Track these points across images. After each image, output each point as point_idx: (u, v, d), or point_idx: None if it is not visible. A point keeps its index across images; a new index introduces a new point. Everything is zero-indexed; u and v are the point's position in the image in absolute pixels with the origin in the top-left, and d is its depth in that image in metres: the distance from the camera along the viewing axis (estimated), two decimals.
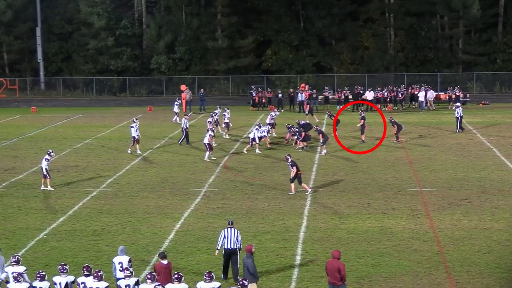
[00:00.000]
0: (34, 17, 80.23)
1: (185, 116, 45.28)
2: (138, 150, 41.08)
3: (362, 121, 44.12)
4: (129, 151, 41.36)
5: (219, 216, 27.99)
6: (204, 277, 17.36)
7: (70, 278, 17.93)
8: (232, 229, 21.10)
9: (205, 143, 39.34)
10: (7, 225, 27.34)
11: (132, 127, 41.30)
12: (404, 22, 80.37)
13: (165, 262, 18.99)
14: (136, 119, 42.30)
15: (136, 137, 41.04)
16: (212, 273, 17.47)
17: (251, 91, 64.85)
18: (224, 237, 20.95)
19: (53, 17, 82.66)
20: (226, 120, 47.16)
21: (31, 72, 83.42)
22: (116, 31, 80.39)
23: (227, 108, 49.04)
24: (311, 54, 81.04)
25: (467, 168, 36.23)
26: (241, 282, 17.04)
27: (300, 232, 25.80)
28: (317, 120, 52.25)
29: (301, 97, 59.78)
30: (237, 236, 21.04)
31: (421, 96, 59.87)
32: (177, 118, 53.99)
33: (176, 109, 55.12)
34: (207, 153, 39.22)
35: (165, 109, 63.61)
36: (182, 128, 44.18)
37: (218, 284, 17.41)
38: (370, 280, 20.88)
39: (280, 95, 61.96)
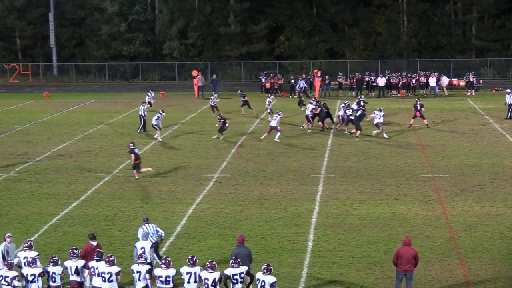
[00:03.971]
0: (47, 3, 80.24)
1: (143, 104, 45.03)
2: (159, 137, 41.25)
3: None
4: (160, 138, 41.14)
5: (231, 202, 28.03)
6: (231, 263, 17.37)
7: (80, 262, 18.06)
8: (150, 224, 20.89)
9: (272, 126, 40.42)
10: (20, 210, 27.47)
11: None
12: (417, 8, 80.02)
13: (94, 243, 19.20)
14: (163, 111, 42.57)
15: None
16: (238, 260, 17.49)
17: (260, 77, 64.70)
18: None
19: (65, 2, 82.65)
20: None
21: (44, 57, 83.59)
22: (128, 17, 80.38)
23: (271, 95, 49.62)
24: (323, 40, 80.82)
25: (480, 155, 36.13)
26: (265, 266, 17.23)
27: (312, 218, 25.82)
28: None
29: (301, 84, 59.87)
30: (156, 229, 20.78)
31: (431, 82, 59.65)
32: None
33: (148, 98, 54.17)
34: (278, 134, 40.43)
35: (177, 95, 63.66)
36: (140, 115, 44.02)
37: (245, 268, 17.49)
38: (382, 266, 20.89)
39: (292, 81, 61.86)
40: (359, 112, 41.65)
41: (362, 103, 45.03)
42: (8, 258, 18.32)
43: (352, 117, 41.93)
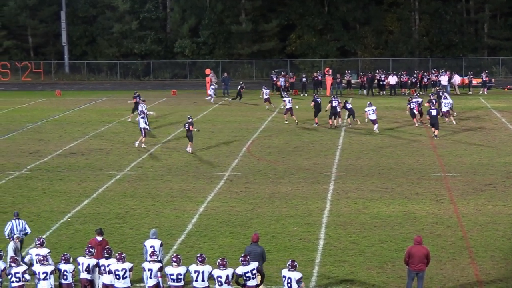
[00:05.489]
0: (59, 1, 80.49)
1: (143, 101, 44.94)
2: (143, 144, 38.98)
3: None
4: (136, 144, 38.98)
5: (242, 200, 28.03)
6: (241, 261, 17.41)
7: (93, 261, 18.07)
8: (19, 220, 21.11)
9: (372, 119, 42.02)
10: (31, 207, 27.54)
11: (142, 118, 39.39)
12: (429, 6, 79.81)
13: (99, 238, 19.33)
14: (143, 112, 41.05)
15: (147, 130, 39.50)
16: (248, 257, 17.49)
17: (271, 76, 64.73)
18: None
19: (77, 1, 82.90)
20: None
21: (56, 55, 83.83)
22: (140, 15, 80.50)
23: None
24: (335, 38, 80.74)
25: (492, 153, 36.00)
26: (290, 262, 17.18)
27: (323, 217, 25.78)
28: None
29: (282, 81, 60.69)
30: (24, 226, 21.12)
31: (443, 80, 59.53)
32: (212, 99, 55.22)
33: (211, 92, 56.35)
34: (376, 125, 42.13)
35: (188, 93, 63.65)
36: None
37: (256, 264, 17.52)
38: (393, 265, 20.84)
39: (304, 79, 61.83)
40: (434, 111, 40.43)
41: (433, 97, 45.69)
42: (15, 256, 18.35)
43: (416, 111, 43.86)
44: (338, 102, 44.01)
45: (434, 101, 43.59)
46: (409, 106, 44.55)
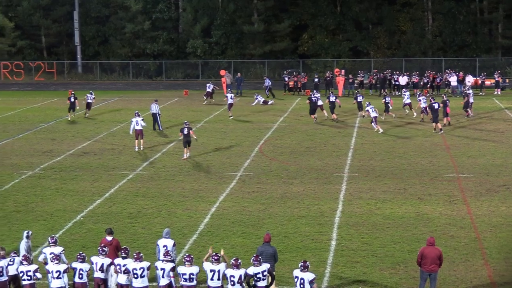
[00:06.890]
0: (72, 1, 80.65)
1: (155, 101, 45.19)
2: (136, 147, 38.42)
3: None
4: (141, 148, 38.35)
5: (254, 200, 28.02)
6: (252, 261, 17.42)
7: (107, 260, 18.11)
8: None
9: (375, 116, 42.31)
10: (45, 207, 27.62)
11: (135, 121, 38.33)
12: (442, 6, 79.52)
13: (109, 238, 19.39)
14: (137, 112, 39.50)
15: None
16: (260, 257, 17.50)
17: (284, 76, 64.70)
18: None
19: (90, 1, 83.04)
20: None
21: (69, 55, 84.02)
22: (152, 15, 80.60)
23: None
24: (347, 38, 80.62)
25: (505, 154, 35.86)
26: (302, 263, 17.10)
27: (335, 217, 25.75)
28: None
29: (266, 82, 60.49)
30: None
31: (452, 81, 59.40)
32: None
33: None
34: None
35: (200, 93, 63.61)
36: (156, 113, 43.91)
37: (267, 265, 17.52)
38: (406, 266, 20.79)
39: (316, 80, 61.70)
40: (436, 105, 42.68)
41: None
42: (27, 254, 18.40)
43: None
44: (336, 98, 47.06)
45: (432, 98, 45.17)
46: (384, 100, 46.61)
